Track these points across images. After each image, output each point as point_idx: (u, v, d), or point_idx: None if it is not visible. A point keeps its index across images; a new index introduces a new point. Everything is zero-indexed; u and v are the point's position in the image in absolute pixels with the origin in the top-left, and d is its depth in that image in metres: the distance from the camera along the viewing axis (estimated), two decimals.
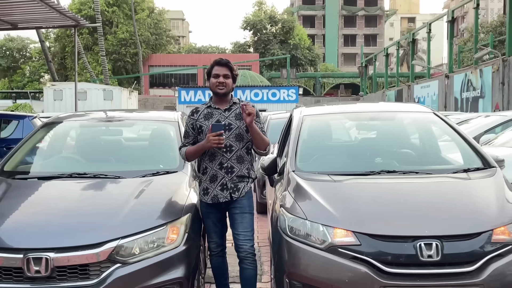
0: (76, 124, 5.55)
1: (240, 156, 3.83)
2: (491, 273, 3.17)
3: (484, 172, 4.07)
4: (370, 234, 3.29)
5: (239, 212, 3.83)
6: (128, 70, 52.08)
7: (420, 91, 23.80)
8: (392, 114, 5.34)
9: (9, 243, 3.38)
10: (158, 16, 56.81)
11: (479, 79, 17.11)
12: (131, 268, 3.38)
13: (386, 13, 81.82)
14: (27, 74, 58.14)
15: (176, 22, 79.01)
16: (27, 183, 4.42)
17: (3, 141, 9.71)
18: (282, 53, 55.95)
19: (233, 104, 3.92)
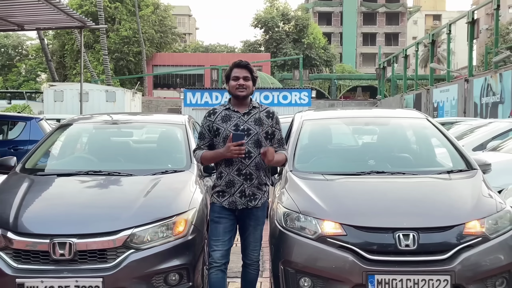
0: (89, 126, 6.15)
1: (258, 163, 3.91)
2: (461, 261, 3.74)
3: (465, 173, 4.72)
4: (355, 226, 3.89)
5: (253, 224, 3.97)
6: (130, 70, 52.03)
7: (439, 96, 23.88)
8: (387, 120, 5.93)
9: (37, 230, 4.02)
10: (163, 12, 56.50)
11: (499, 83, 17.26)
12: (143, 253, 3.99)
13: (409, 10, 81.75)
14: (22, 73, 58.25)
15: (182, 18, 79.06)
16: (48, 179, 4.99)
17: (10, 142, 10.26)
18: (295, 53, 55.79)
19: (253, 108, 3.98)
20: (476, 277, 3.81)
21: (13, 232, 4.03)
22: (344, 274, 3.82)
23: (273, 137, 3.95)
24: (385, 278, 3.75)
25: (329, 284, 3.89)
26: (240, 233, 4.03)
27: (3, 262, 3.95)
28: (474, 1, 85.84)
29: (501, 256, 3.92)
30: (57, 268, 3.92)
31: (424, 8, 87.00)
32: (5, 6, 9.91)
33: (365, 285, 3.76)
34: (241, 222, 3.98)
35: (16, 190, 4.62)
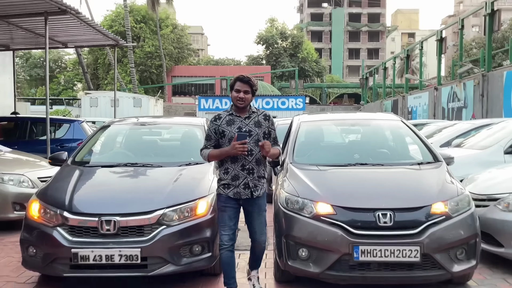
0: (125, 127, 6.25)
1: (259, 159, 3.89)
2: (428, 235, 3.87)
3: (432, 165, 4.83)
4: (343, 207, 4.02)
5: (257, 210, 3.91)
6: (153, 80, 51.77)
7: (413, 101, 23.89)
8: (369, 121, 6.01)
9: (88, 210, 4.19)
10: (180, 31, 56.28)
11: (463, 91, 17.26)
12: (172, 229, 4.15)
13: (388, 29, 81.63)
14: (61, 83, 58.31)
15: (196, 36, 79.00)
16: (94, 169, 5.13)
17: (57, 141, 10.35)
18: (292, 66, 55.70)
19: (252, 113, 3.97)
20: (441, 248, 3.91)
21: (68, 212, 4.19)
22: (335, 245, 3.92)
23: (269, 136, 3.95)
24: (367, 249, 3.86)
25: (322, 254, 3.98)
26: (246, 220, 3.99)
27: (61, 235, 4.09)
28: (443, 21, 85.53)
29: (461, 231, 4.03)
30: (104, 241, 4.06)
31: (400, 27, 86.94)
32: (54, 28, 10.06)
33: (351, 254, 3.87)
34: (246, 210, 3.96)
35: (69, 179, 4.76)
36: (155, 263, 4.10)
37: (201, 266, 4.36)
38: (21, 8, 8.67)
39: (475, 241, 4.10)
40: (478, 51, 34.68)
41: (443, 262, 3.93)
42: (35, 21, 9.53)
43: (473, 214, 4.19)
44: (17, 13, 9.05)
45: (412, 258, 3.87)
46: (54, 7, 8.48)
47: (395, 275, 3.97)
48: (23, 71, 59.42)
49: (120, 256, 4.00)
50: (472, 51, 46.36)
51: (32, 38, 11.26)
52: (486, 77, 15.45)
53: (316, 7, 79.89)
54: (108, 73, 49.26)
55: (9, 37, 11.25)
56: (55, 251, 4.11)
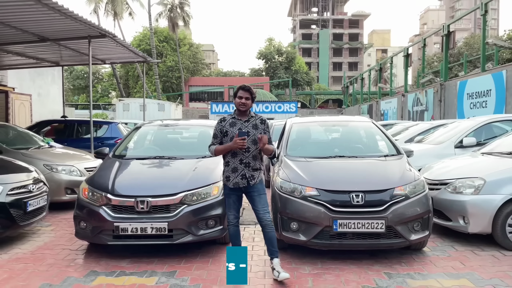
0: (154, 127, 6.30)
1: (255, 155, 3.85)
2: (391, 211, 4.02)
3: (395, 157, 4.94)
4: (325, 190, 4.16)
5: (256, 194, 3.83)
6: (174, 89, 51.67)
7: (385, 106, 23.89)
8: (347, 123, 6.11)
9: (126, 193, 4.33)
10: (195, 49, 56.03)
11: (425, 97, 17.22)
12: (192, 207, 4.28)
13: (365, 46, 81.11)
14: (99, 91, 58.20)
15: (208, 53, 78.60)
16: (130, 161, 5.20)
17: (99, 139, 10.44)
18: (286, 77, 55.49)
19: (251, 117, 3.91)
20: (401, 221, 4.05)
21: (111, 194, 4.33)
22: (318, 219, 4.05)
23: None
24: (344, 222, 4.01)
25: (309, 226, 4.11)
26: (251, 204, 3.91)
27: (106, 212, 4.25)
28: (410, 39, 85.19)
29: (417, 208, 4.15)
30: (139, 217, 4.20)
31: (375, 44, 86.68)
32: (95, 48, 10.16)
33: (331, 226, 4.01)
34: (248, 196, 3.89)
35: (111, 169, 4.88)
36: (178, 234, 4.23)
37: (215, 237, 4.47)
38: (70, 33, 8.79)
39: (428, 216, 4.24)
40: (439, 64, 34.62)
41: (403, 232, 4.06)
42: (80, 43, 9.63)
43: (427, 195, 4.32)
44: (66, 37, 9.17)
45: (379, 229, 4.00)
46: (95, 32, 8.61)
47: (366, 243, 4.10)
48: (67, 81, 59.33)
49: (152, 228, 4.15)
50: (434, 64, 46.22)
51: (77, 56, 11.35)
52: (443, 86, 15.48)
53: (306, 28, 79.47)
54: (137, 83, 49.31)
55: (58, 56, 11.35)
56: (101, 225, 4.25)
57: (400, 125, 12.05)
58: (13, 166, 5.43)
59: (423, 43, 18.13)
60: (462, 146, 6.83)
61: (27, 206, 4.90)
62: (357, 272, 3.97)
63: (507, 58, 31.97)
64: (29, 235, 5.35)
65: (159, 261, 4.30)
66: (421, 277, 3.87)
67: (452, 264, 4.18)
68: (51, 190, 5.81)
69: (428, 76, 18.19)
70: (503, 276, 3.86)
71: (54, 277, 3.89)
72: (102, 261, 4.30)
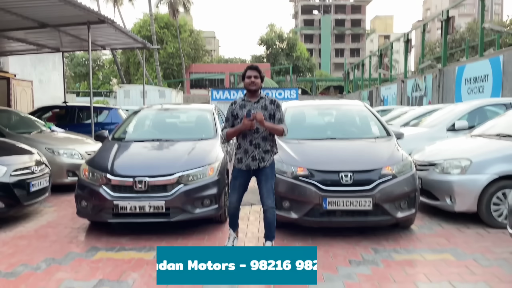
0: (153, 111, 6.43)
1: (265, 136, 3.79)
2: (379, 190, 4.16)
3: (385, 138, 5.05)
4: (316, 170, 4.30)
5: (264, 178, 3.81)
6: (174, 76, 51.45)
7: (385, 92, 23.77)
8: (340, 106, 6.20)
9: (125, 173, 4.48)
10: (196, 35, 55.53)
11: (424, 83, 17.18)
12: (188, 187, 4.42)
13: (367, 32, 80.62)
14: (100, 78, 58.00)
15: (209, 39, 77.81)
16: (130, 143, 5.33)
17: (100, 124, 10.59)
18: (287, 63, 55.05)
19: (261, 98, 3.87)
20: (388, 199, 4.20)
21: (110, 174, 4.48)
22: (309, 198, 4.21)
23: (274, 116, 3.83)
24: (333, 200, 4.16)
25: (300, 204, 4.27)
26: (258, 185, 3.90)
27: (106, 192, 4.41)
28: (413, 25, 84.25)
29: (404, 187, 4.30)
30: (137, 196, 4.35)
31: (377, 30, 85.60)
32: (95, 34, 10.25)
33: (321, 204, 4.16)
34: (257, 178, 3.87)
35: (110, 150, 5.02)
36: (175, 212, 4.38)
37: (210, 215, 4.63)
38: (70, 19, 8.88)
39: (415, 195, 4.40)
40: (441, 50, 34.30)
41: (390, 210, 4.22)
42: (80, 29, 9.72)
43: (414, 175, 4.46)
44: (65, 23, 9.27)
45: (367, 207, 4.15)
46: (95, 18, 8.71)
47: (354, 220, 4.26)
48: (68, 68, 59.15)
49: (150, 206, 4.32)
50: (436, 50, 45.87)
51: (77, 42, 11.45)
52: (442, 71, 15.44)
53: (308, 14, 78.95)
54: (138, 70, 49.13)
55: (58, 42, 11.43)
56: (101, 203, 4.42)
57: (397, 110, 12.11)
58: (16, 149, 5.62)
59: (422, 28, 18.04)
60: (454, 130, 6.94)
61: (30, 186, 5.09)
62: (346, 248, 4.15)
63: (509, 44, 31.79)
64: (32, 214, 5.56)
65: (157, 238, 4.49)
66: (406, 252, 4.06)
67: (437, 241, 4.36)
68: (53, 173, 5.98)
69: (428, 62, 18.12)
70: (485, 251, 4.04)
71: (57, 252, 4.10)
72: (103, 238, 4.50)
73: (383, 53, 27.00)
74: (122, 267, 3.70)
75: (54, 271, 3.63)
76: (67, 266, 3.73)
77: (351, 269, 3.62)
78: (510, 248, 4.08)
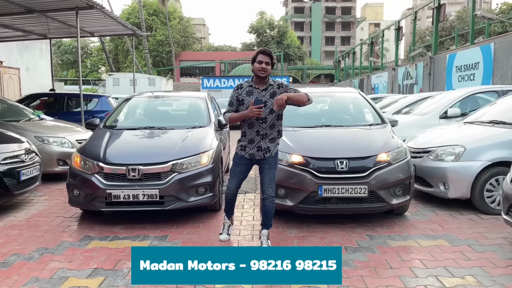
0: (144, 99, 6.33)
1: (273, 124, 3.68)
2: (374, 177, 4.16)
3: (379, 126, 5.04)
4: (311, 157, 4.27)
5: (267, 167, 3.72)
6: (164, 64, 51.04)
7: (376, 80, 23.92)
8: (334, 94, 6.19)
9: (118, 161, 4.40)
10: (186, 23, 55.15)
11: (415, 71, 17.23)
12: (182, 175, 4.36)
13: (358, 20, 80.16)
14: (88, 66, 57.14)
15: (199, 27, 77.32)
16: (121, 131, 5.26)
17: (89, 112, 10.41)
18: (278, 51, 54.83)
19: (269, 86, 3.68)
20: (383, 186, 4.20)
21: (103, 162, 4.40)
22: (304, 185, 4.19)
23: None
24: (328, 187, 4.14)
25: (295, 192, 4.25)
26: (260, 174, 3.81)
27: (98, 180, 4.34)
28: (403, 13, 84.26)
29: (399, 174, 4.30)
30: (131, 184, 4.29)
31: (368, 18, 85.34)
32: (83, 20, 10.02)
33: (317, 192, 4.15)
34: (260, 166, 3.78)
35: (102, 138, 4.93)
36: (169, 200, 4.33)
37: (205, 203, 4.59)
38: (57, 4, 8.67)
39: (409, 182, 4.41)
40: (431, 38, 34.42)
41: (385, 197, 4.23)
42: (67, 14, 9.51)
43: (409, 162, 4.47)
44: (53, 8, 9.04)
45: (362, 194, 4.15)
46: (83, 3, 8.51)
47: (349, 207, 4.26)
48: (56, 56, 58.23)
49: (144, 195, 4.25)
50: (426, 38, 45.99)
51: (65, 28, 11.20)
52: (433, 59, 15.52)
53: (298, 1, 78.25)
54: (127, 58, 48.61)
55: (46, 28, 11.19)
56: (94, 192, 4.34)
57: (389, 98, 12.17)
58: (5, 137, 5.49)
59: (413, 16, 18.01)
60: (446, 117, 6.97)
61: (20, 175, 4.99)
62: (341, 235, 4.16)
63: (498, 32, 31.97)
64: (23, 204, 5.47)
65: (151, 226, 4.44)
66: (401, 238, 4.08)
67: (431, 227, 4.39)
68: (43, 162, 5.88)
69: (418, 50, 18.18)
70: (479, 237, 4.08)
71: (50, 242, 4.03)
72: (96, 227, 4.44)
73: (374, 41, 26.95)
74: (116, 256, 3.65)
75: (48, 260, 3.57)
76: (61, 256, 3.68)
77: (347, 256, 3.62)
78: (503, 234, 4.13)
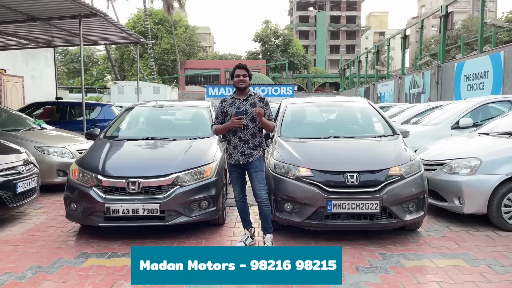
0: (146, 108, 6.19)
1: (253, 132, 3.95)
2: (386, 191, 3.95)
3: (391, 137, 4.83)
4: (319, 170, 4.07)
5: (254, 171, 3.92)
6: (169, 72, 51.16)
7: (382, 88, 23.73)
8: (342, 103, 5.97)
9: (117, 174, 4.22)
10: (191, 31, 55.39)
11: (422, 79, 17.03)
12: (184, 188, 4.18)
13: (363, 29, 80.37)
14: (94, 75, 57.52)
15: (204, 35, 77.64)
16: (122, 142, 5.09)
17: (92, 121, 10.30)
18: (283, 60, 55.05)
19: (249, 96, 4.02)
20: (396, 201, 3.98)
21: (102, 175, 4.23)
22: (312, 200, 3.98)
23: (264, 114, 3.88)
24: (338, 202, 3.93)
25: (302, 207, 4.04)
26: (249, 179, 4.01)
27: (96, 194, 4.16)
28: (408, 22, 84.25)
29: (412, 188, 4.08)
30: (130, 198, 4.11)
31: (373, 27, 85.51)
32: (87, 28, 9.95)
33: (325, 207, 3.94)
34: (247, 171, 3.98)
35: (102, 149, 4.77)
36: (171, 215, 4.15)
37: (208, 218, 4.41)
38: (60, 12, 8.57)
39: (423, 196, 4.18)
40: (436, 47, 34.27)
41: (397, 213, 4.00)
42: (71, 22, 9.41)
43: (422, 175, 4.25)
44: (56, 16, 8.94)
45: (373, 210, 3.94)
46: (86, 11, 8.40)
47: (360, 223, 4.04)
48: (62, 65, 58.73)
49: (144, 209, 4.07)
50: (432, 47, 45.86)
51: (69, 37, 11.11)
52: (440, 68, 15.33)
53: (303, 10, 78.57)
54: (132, 66, 48.79)
55: (50, 36, 11.11)
56: (92, 206, 4.17)
57: (396, 107, 11.92)
58: (2, 148, 5.33)
59: (420, 24, 17.87)
60: (458, 127, 6.77)
61: (16, 187, 4.82)
62: (351, 253, 3.93)
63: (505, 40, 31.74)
64: (20, 217, 5.29)
65: (152, 242, 4.24)
66: (416, 257, 3.84)
67: (447, 245, 4.15)
68: (43, 172, 5.72)
69: (425, 58, 17.98)
70: (498, 256, 3.83)
71: (44, 259, 3.84)
72: (94, 243, 4.25)
73: (380, 50, 26.79)
74: (113, 276, 3.44)
75: (40, 280, 3.37)
76: (55, 275, 3.47)
77: (359, 277, 3.39)
78: None
